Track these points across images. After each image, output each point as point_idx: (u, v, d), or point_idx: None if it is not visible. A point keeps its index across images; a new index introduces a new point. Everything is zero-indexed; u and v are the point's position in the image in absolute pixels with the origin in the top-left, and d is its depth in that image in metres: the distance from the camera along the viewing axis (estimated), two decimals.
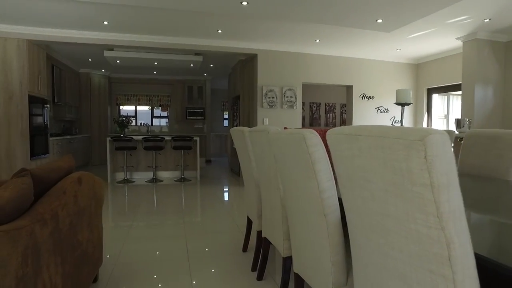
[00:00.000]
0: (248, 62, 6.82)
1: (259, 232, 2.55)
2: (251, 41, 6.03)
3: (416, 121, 7.37)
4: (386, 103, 7.08)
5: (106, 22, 4.93)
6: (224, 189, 6.27)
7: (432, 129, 0.70)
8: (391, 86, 7.08)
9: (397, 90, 3.71)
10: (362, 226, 0.97)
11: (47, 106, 6.18)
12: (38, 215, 1.37)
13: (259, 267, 2.42)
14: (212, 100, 11.43)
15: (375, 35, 5.48)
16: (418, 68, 7.29)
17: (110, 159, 6.68)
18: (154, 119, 10.90)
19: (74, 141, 7.66)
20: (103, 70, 9.13)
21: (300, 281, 1.69)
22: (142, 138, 6.67)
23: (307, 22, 4.86)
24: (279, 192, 1.94)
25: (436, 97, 7.12)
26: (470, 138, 2.59)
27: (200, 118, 10.40)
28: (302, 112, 8.88)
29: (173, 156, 7.16)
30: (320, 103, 9.89)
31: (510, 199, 1.68)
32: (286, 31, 5.43)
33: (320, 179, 1.32)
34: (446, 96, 7.17)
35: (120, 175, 6.91)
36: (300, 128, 6.62)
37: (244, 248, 2.99)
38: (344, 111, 10.12)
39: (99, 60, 7.69)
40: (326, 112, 10.02)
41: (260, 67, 6.25)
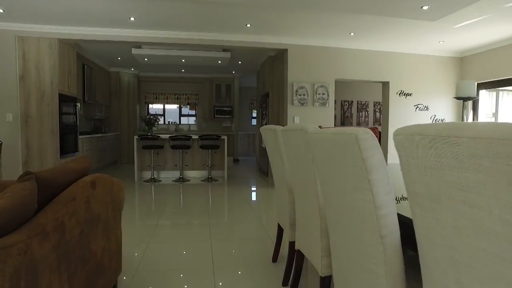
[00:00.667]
0: (278, 58, 6.54)
1: (292, 243, 2.28)
2: (281, 35, 5.75)
3: (461, 119, 6.78)
4: (426, 100, 6.56)
5: (132, 18, 4.83)
6: (252, 190, 6.04)
7: None
8: (432, 82, 6.55)
9: (457, 82, 3.29)
10: (455, 267, 0.68)
11: (77, 104, 6.21)
12: (39, 227, 1.17)
13: (292, 283, 2.15)
14: (240, 99, 11.24)
15: (416, 26, 5.02)
16: (462, 61, 6.70)
17: (137, 157, 6.63)
18: (182, 117, 10.87)
19: (103, 139, 7.71)
20: (132, 69, 9.17)
21: None
22: (169, 137, 6.57)
23: (343, 12, 4.52)
24: (317, 200, 1.66)
25: (483, 93, 6.51)
26: None
27: (228, 116, 10.24)
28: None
29: (200, 155, 7.02)
30: (352, 101, 9.46)
31: None
32: (318, 24, 5.10)
33: (376, 192, 1.04)
34: (495, 92, 6.54)
35: (147, 174, 6.86)
36: (333, 127, 6.27)
37: (274, 258, 2.73)
38: (377, 109, 9.63)
39: (128, 59, 7.68)
40: (358, 110, 9.58)
41: (291, 63, 5.96)
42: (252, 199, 5.22)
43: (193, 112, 10.84)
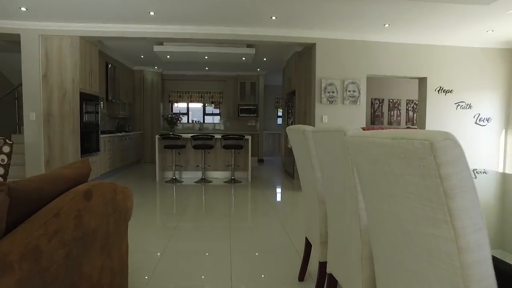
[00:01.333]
0: (305, 53, 6.17)
1: (323, 264, 1.94)
2: (308, 28, 5.38)
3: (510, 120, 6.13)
4: (469, 98, 5.97)
5: (152, 13, 4.62)
6: (277, 193, 5.71)
7: None
8: (476, 77, 5.95)
9: None
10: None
11: (99, 103, 6.12)
12: None
13: None
14: (265, 97, 10.92)
15: (463, 12, 4.50)
16: None
17: (159, 157, 6.47)
18: (206, 116, 10.70)
19: (125, 138, 7.63)
20: (156, 67, 9.07)
21: None
22: (191, 136, 6.36)
23: (379, 0, 4.09)
24: (358, 221, 1.32)
25: None
26: None
27: (252, 115, 9.95)
28: None
29: (223, 155, 6.77)
30: (382, 99, 8.94)
31: None
32: (349, 15, 4.69)
33: (461, 226, 0.69)
34: None
35: (168, 174, 6.69)
36: (364, 127, 5.82)
37: (301, 276, 2.39)
38: (410, 108, 9.05)
39: (151, 57, 7.56)
40: (390, 109, 9.05)
41: (319, 58, 5.57)
42: (277, 203, 4.90)
43: (217, 111, 10.64)
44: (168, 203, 5.02)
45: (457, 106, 5.94)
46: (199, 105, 10.58)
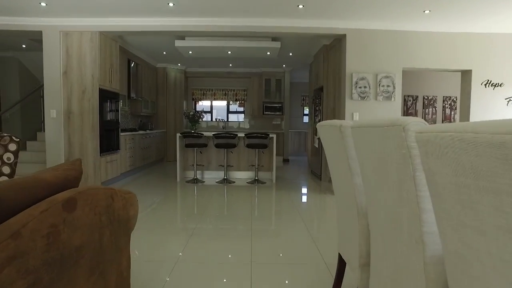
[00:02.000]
0: (334, 46, 5.75)
1: None
2: (338, 18, 4.96)
3: None
4: None
5: (171, 4, 4.37)
6: (303, 196, 5.34)
7: None
8: None
9: None
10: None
11: (119, 100, 5.97)
12: None
13: None
14: (291, 94, 10.51)
15: None
16: None
17: (180, 156, 6.24)
18: (230, 114, 10.45)
19: (147, 136, 7.48)
20: (179, 64, 8.90)
21: None
22: (213, 135, 6.09)
23: None
24: (422, 250, 0.95)
25: None
26: None
27: (278, 113, 9.58)
28: None
29: (246, 155, 6.46)
30: (416, 96, 8.35)
31: None
32: (384, 3, 4.24)
33: None
34: None
35: (190, 174, 6.46)
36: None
37: None
38: (447, 105, 8.41)
39: (173, 53, 7.36)
40: (424, 106, 8.45)
41: (350, 50, 5.13)
42: (303, 207, 4.53)
43: (241, 109, 10.37)
44: (188, 204, 4.77)
45: (508, 102, 5.31)
46: (223, 103, 10.35)
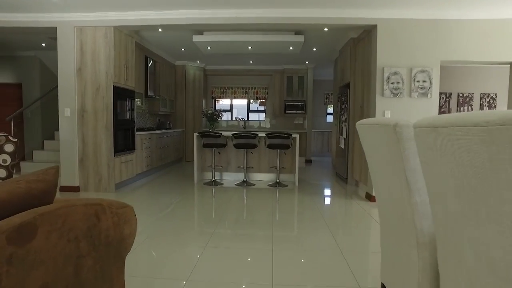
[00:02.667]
0: (363, 39, 5.29)
1: None
2: (368, 7, 4.52)
3: None
4: None
5: None
6: (328, 200, 4.93)
7: None
8: None
9: None
10: None
11: (134, 98, 5.75)
12: None
13: None
14: (314, 93, 10.04)
15: None
16: None
17: (198, 157, 5.96)
18: (250, 113, 10.12)
19: (165, 136, 7.25)
20: (198, 62, 8.64)
21: None
22: (232, 134, 5.77)
23: None
24: None
25: None
26: None
27: (300, 112, 9.15)
28: None
29: (267, 156, 6.11)
30: (450, 93, 7.77)
31: None
32: None
33: None
34: None
35: (208, 175, 6.17)
36: None
37: None
38: (485, 103, 7.78)
39: (192, 50, 7.09)
40: (459, 104, 7.84)
41: (381, 42, 4.67)
42: (329, 214, 4.13)
43: (262, 108, 10.01)
44: (205, 208, 4.47)
45: None
46: (243, 101, 10.03)
